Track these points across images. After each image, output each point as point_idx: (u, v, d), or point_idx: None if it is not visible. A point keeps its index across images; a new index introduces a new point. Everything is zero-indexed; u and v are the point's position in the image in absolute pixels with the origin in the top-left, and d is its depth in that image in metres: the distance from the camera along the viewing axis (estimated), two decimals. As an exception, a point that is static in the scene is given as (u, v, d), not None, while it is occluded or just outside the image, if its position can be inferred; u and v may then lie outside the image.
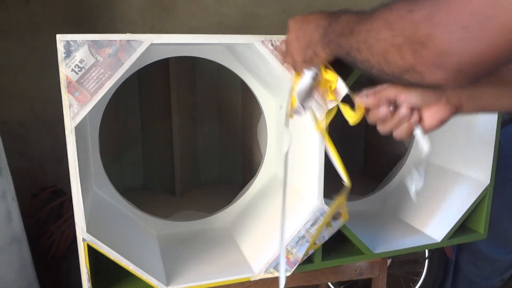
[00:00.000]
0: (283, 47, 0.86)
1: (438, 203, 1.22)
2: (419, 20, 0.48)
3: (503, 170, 1.43)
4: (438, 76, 0.49)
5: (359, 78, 0.94)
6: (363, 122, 0.78)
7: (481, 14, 0.43)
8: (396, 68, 0.53)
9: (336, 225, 1.00)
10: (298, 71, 0.83)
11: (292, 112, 0.85)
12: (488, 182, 1.16)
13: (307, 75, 0.81)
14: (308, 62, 0.78)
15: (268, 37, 0.87)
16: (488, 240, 1.35)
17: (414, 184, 0.79)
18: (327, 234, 1.01)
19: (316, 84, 0.83)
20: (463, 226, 1.20)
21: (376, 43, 0.54)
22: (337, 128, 1.72)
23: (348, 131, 1.75)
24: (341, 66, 0.77)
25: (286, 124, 0.88)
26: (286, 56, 0.85)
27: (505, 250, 1.88)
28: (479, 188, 1.17)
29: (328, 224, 0.99)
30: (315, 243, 1.00)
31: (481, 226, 1.21)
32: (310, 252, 1.01)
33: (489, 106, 0.72)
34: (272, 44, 0.88)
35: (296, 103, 0.84)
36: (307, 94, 0.84)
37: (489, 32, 0.43)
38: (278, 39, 0.88)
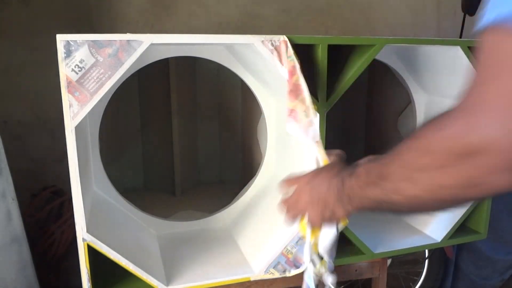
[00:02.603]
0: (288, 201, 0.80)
1: (438, 203, 1.22)
2: (460, 130, 0.42)
3: (503, 170, 1.42)
4: (505, 179, 0.43)
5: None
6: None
7: None
8: (454, 189, 0.46)
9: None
10: (316, 228, 0.81)
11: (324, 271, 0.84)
12: (488, 182, 1.16)
13: (331, 229, 0.80)
14: (328, 221, 0.74)
15: (268, 37, 0.87)
16: (488, 240, 1.35)
17: None
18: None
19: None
20: (463, 226, 1.20)
21: (421, 175, 0.48)
22: (337, 128, 1.73)
23: (348, 131, 1.75)
24: None
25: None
26: (293, 210, 0.78)
27: (505, 250, 1.88)
28: (479, 188, 1.17)
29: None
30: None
31: (481, 226, 1.21)
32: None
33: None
34: (272, 44, 0.87)
35: (327, 259, 0.83)
36: (333, 246, 0.83)
37: None
38: (278, 39, 0.88)
